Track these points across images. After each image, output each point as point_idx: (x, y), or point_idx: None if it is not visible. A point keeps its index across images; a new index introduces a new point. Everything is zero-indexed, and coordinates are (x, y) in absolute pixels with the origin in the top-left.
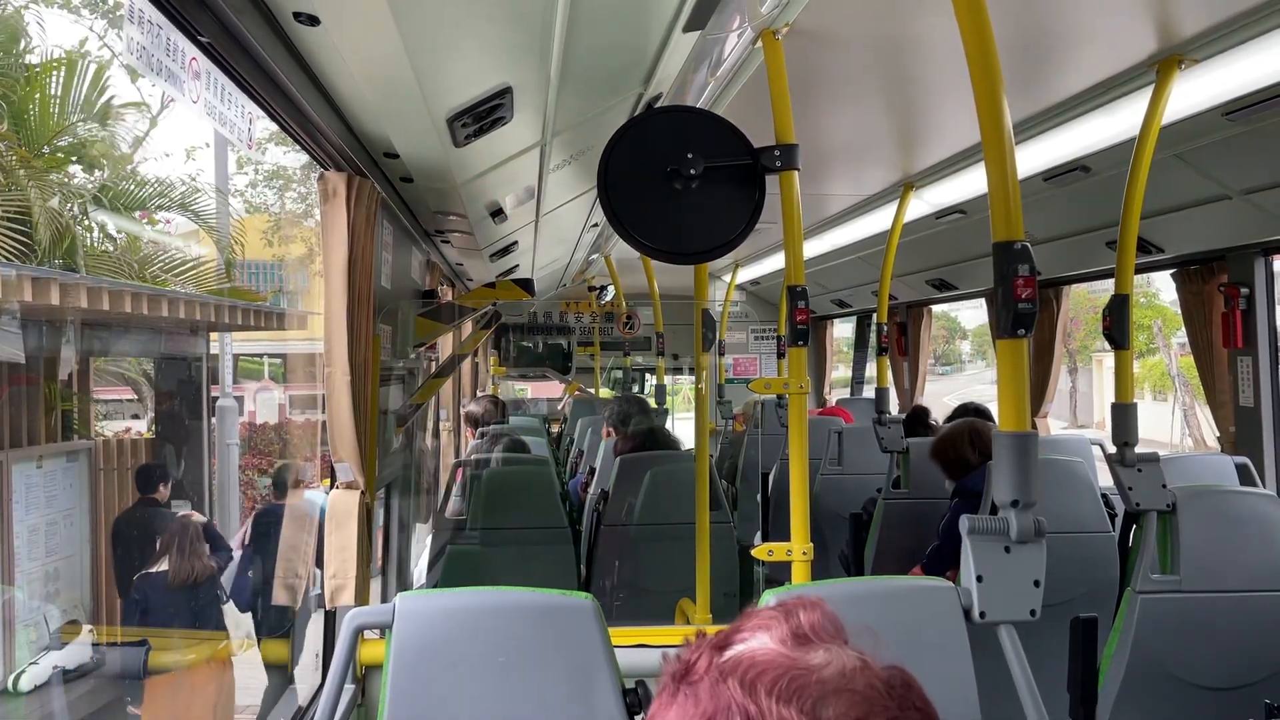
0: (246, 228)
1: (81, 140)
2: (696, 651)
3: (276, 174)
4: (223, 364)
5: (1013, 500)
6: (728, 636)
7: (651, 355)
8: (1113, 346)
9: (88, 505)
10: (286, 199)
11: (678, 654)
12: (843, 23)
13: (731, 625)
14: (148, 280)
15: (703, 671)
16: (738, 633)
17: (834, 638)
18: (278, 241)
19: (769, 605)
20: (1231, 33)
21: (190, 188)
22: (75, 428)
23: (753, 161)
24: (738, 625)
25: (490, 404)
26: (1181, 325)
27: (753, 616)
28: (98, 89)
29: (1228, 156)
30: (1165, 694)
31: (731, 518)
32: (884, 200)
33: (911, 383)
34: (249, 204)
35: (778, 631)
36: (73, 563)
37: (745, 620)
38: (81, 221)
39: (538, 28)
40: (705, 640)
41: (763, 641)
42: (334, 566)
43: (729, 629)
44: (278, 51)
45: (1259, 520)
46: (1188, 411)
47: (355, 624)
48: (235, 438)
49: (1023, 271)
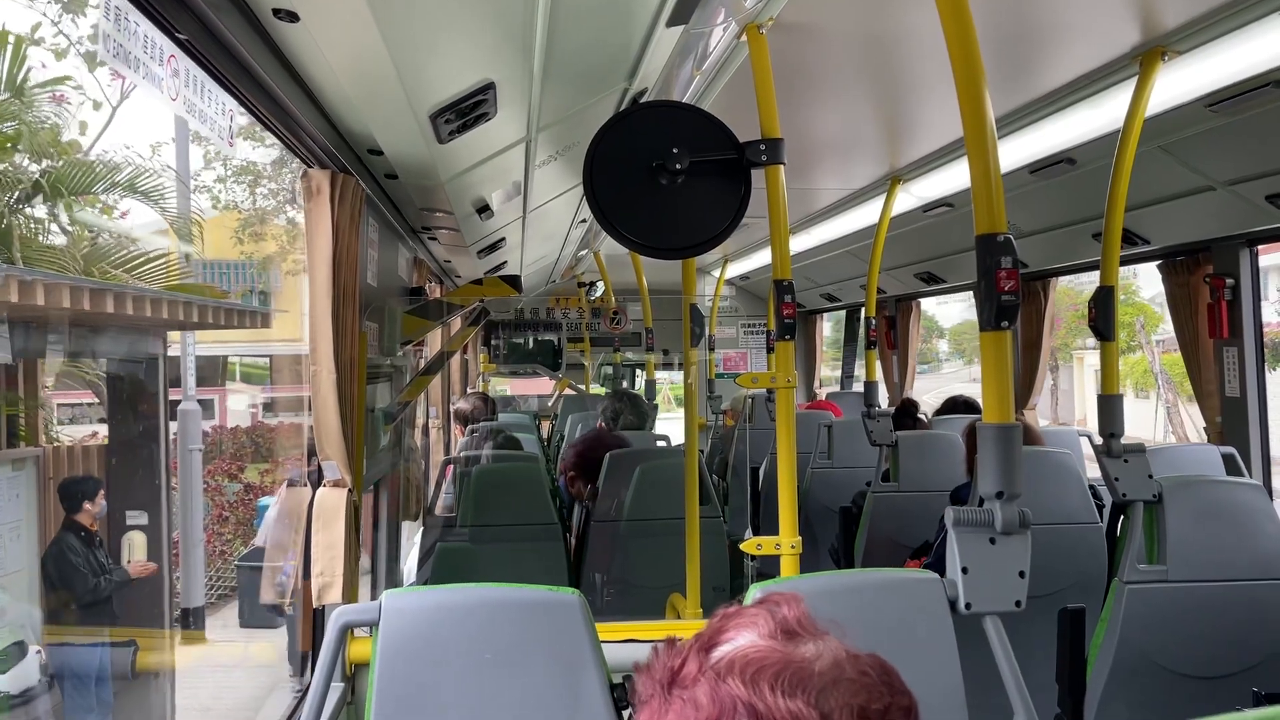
0: (215, 226)
1: (22, 124)
2: (681, 656)
3: (246, 169)
4: (185, 365)
5: (997, 491)
6: (712, 638)
7: (641, 351)
8: (1098, 339)
9: (35, 518)
10: (257, 195)
11: (661, 662)
12: (827, 17)
13: (712, 626)
14: (96, 275)
15: (695, 674)
16: (722, 633)
17: (817, 630)
18: (248, 239)
19: (753, 602)
20: (1214, 24)
21: (137, 170)
22: (21, 434)
23: (738, 156)
24: (720, 626)
25: (479, 401)
26: (1162, 321)
27: (734, 616)
28: (18, 65)
29: (1212, 148)
30: (1153, 683)
31: (721, 512)
32: (871, 194)
33: (901, 376)
34: (216, 200)
35: (765, 627)
36: (19, 579)
37: (727, 620)
38: (20, 211)
39: (519, 23)
40: (689, 644)
41: (751, 639)
42: (321, 564)
43: (711, 630)
44: (257, 48)
45: (1245, 510)
46: (1171, 409)
47: (342, 622)
48: (198, 443)
49: (1005, 264)
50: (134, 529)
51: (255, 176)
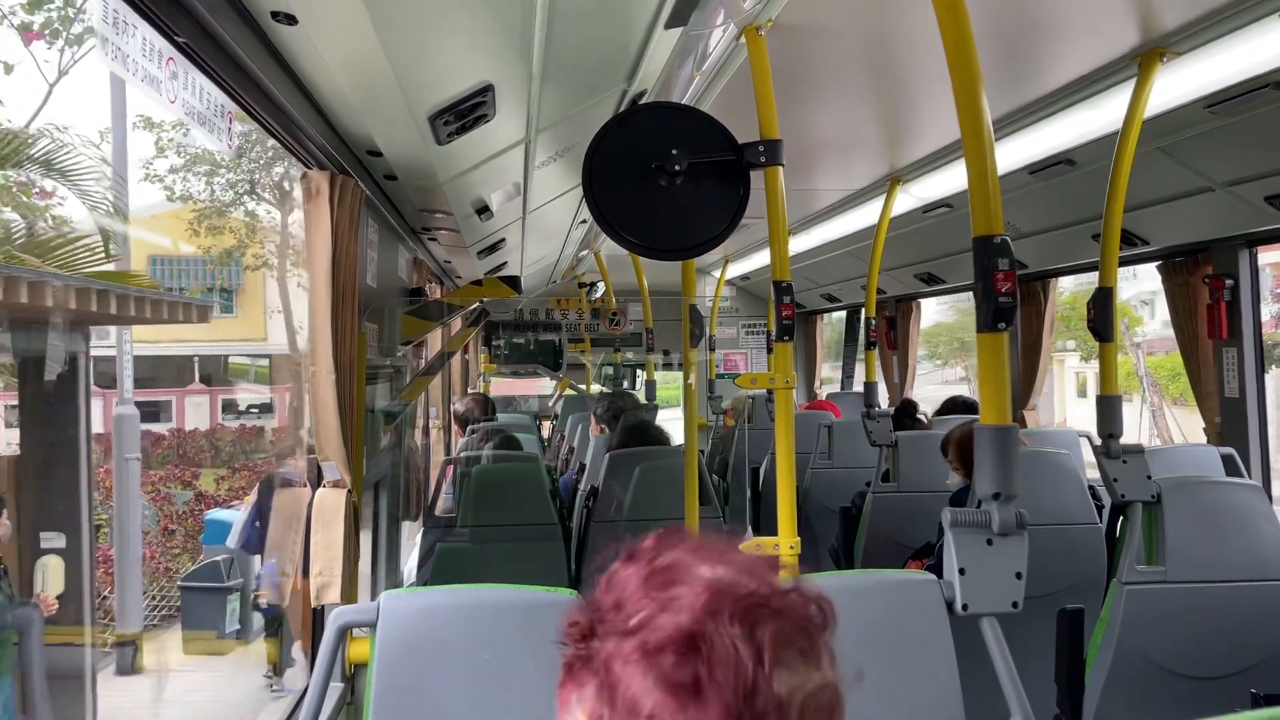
0: (172, 219)
1: None
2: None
3: (202, 158)
4: (120, 364)
5: (994, 493)
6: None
7: (642, 351)
8: (1097, 339)
9: None
10: (215, 186)
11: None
12: (826, 18)
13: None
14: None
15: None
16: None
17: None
18: (205, 233)
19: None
20: (1213, 25)
21: (56, 143)
22: None
23: (737, 157)
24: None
25: (474, 402)
26: (1142, 323)
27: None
28: None
29: (1211, 149)
30: (1152, 684)
31: (721, 513)
32: (871, 195)
33: (901, 376)
34: (170, 191)
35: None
36: None
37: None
38: None
39: (518, 25)
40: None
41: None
42: (320, 565)
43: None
44: (256, 51)
45: (1244, 511)
46: (1156, 412)
47: (340, 622)
48: (135, 451)
49: (1003, 265)
50: (50, 553)
51: (213, 166)
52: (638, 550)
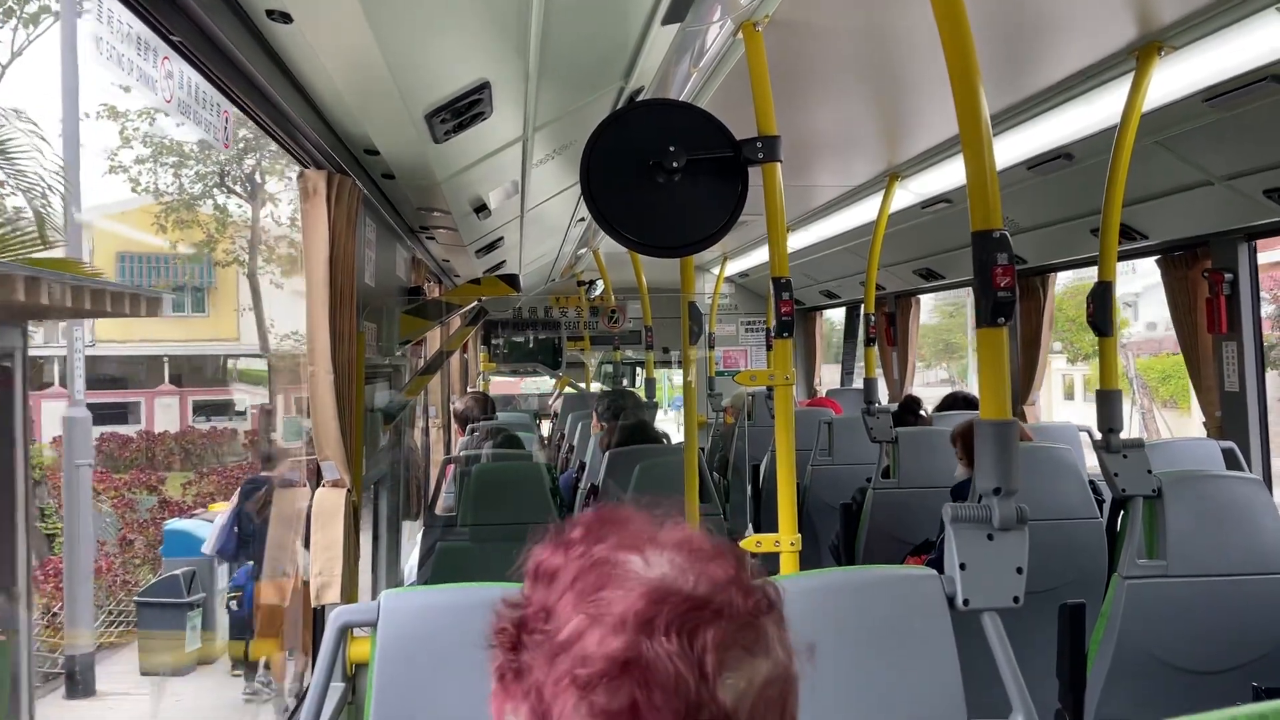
0: (140, 214)
1: None
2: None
3: (170, 149)
4: (71, 364)
5: (995, 488)
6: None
7: (641, 349)
8: (1097, 334)
9: None
10: (183, 178)
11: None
12: (822, 14)
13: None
14: None
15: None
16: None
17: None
18: (173, 227)
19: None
20: (1210, 19)
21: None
22: None
23: (734, 154)
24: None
25: (474, 401)
26: (1128, 324)
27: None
28: None
29: (1209, 142)
30: (1153, 678)
31: (722, 510)
32: (869, 191)
33: (901, 373)
34: (135, 183)
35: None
36: None
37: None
38: None
39: (514, 22)
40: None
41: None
42: (319, 564)
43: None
44: (252, 50)
45: (1245, 505)
46: (1146, 414)
47: (340, 622)
48: (88, 457)
49: (1001, 260)
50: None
51: (181, 158)
52: (568, 539)
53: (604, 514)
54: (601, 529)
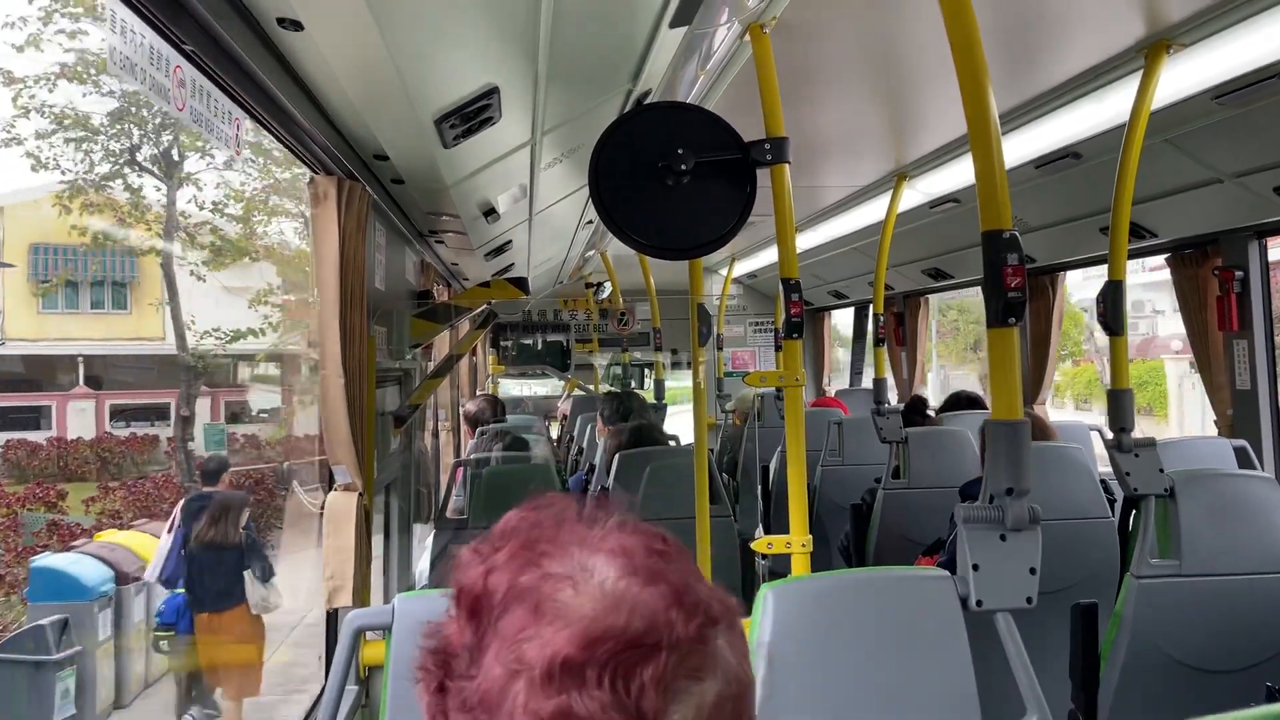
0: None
1: None
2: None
3: (76, 121)
4: None
5: (1007, 488)
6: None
7: (650, 351)
8: (1107, 333)
9: None
10: (92, 156)
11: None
12: (829, 15)
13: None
14: None
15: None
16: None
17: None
18: (81, 211)
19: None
20: (1219, 16)
21: None
22: None
23: (743, 155)
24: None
25: (485, 403)
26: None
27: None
28: None
29: (1219, 140)
30: (1167, 678)
31: (732, 511)
32: (877, 191)
33: (910, 373)
34: (37, 160)
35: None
36: None
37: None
38: None
39: (522, 27)
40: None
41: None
42: (332, 568)
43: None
44: (263, 58)
45: (1258, 503)
46: None
47: (355, 625)
48: None
49: (1011, 260)
50: None
51: (90, 132)
52: (494, 559)
53: (535, 520)
54: (532, 543)
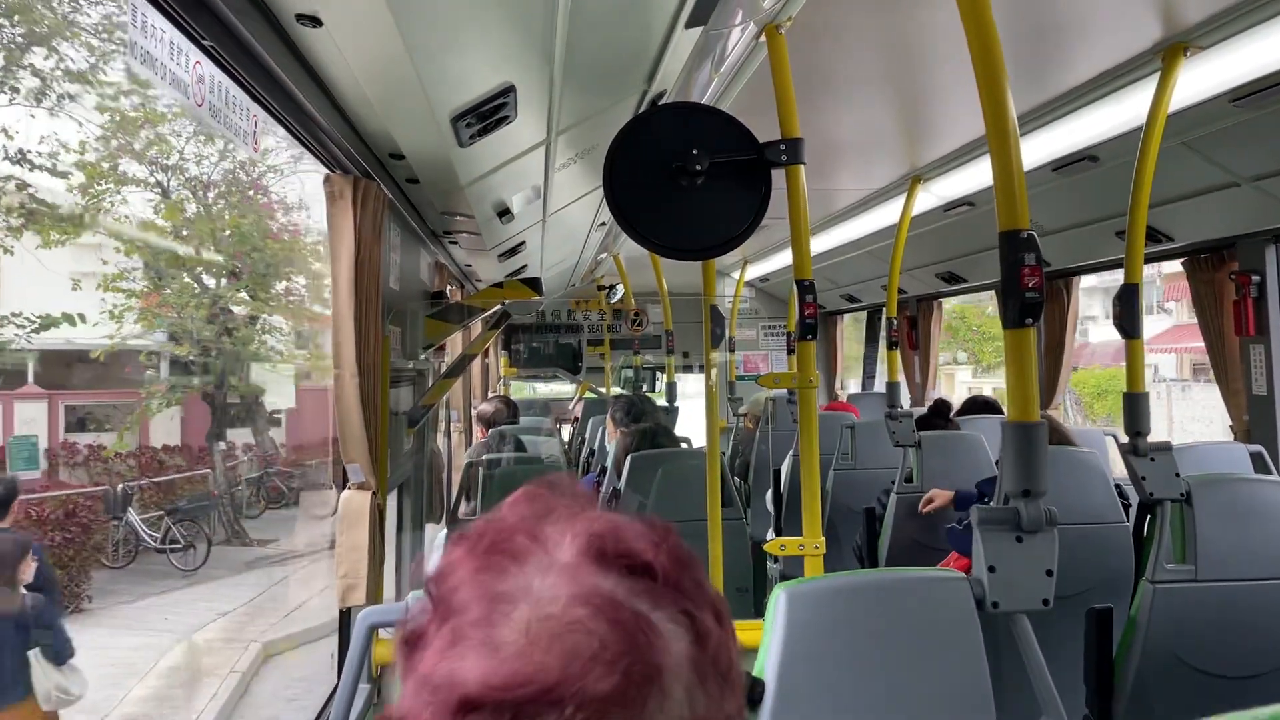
0: None
1: None
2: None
3: None
4: None
5: (1023, 490)
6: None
7: (662, 353)
8: (1123, 336)
9: None
10: None
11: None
12: (845, 16)
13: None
14: None
15: None
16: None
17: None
18: None
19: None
20: (1237, 18)
21: None
22: None
23: (758, 156)
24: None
25: (501, 404)
26: None
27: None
28: None
29: (1236, 143)
30: (1182, 684)
31: (744, 514)
32: (892, 194)
33: (923, 376)
34: None
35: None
36: None
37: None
38: None
39: (539, 27)
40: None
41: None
42: (345, 566)
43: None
44: (281, 54)
45: (1274, 509)
46: None
47: (368, 623)
48: None
49: (1029, 261)
50: None
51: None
52: (451, 558)
53: (500, 525)
54: (495, 545)
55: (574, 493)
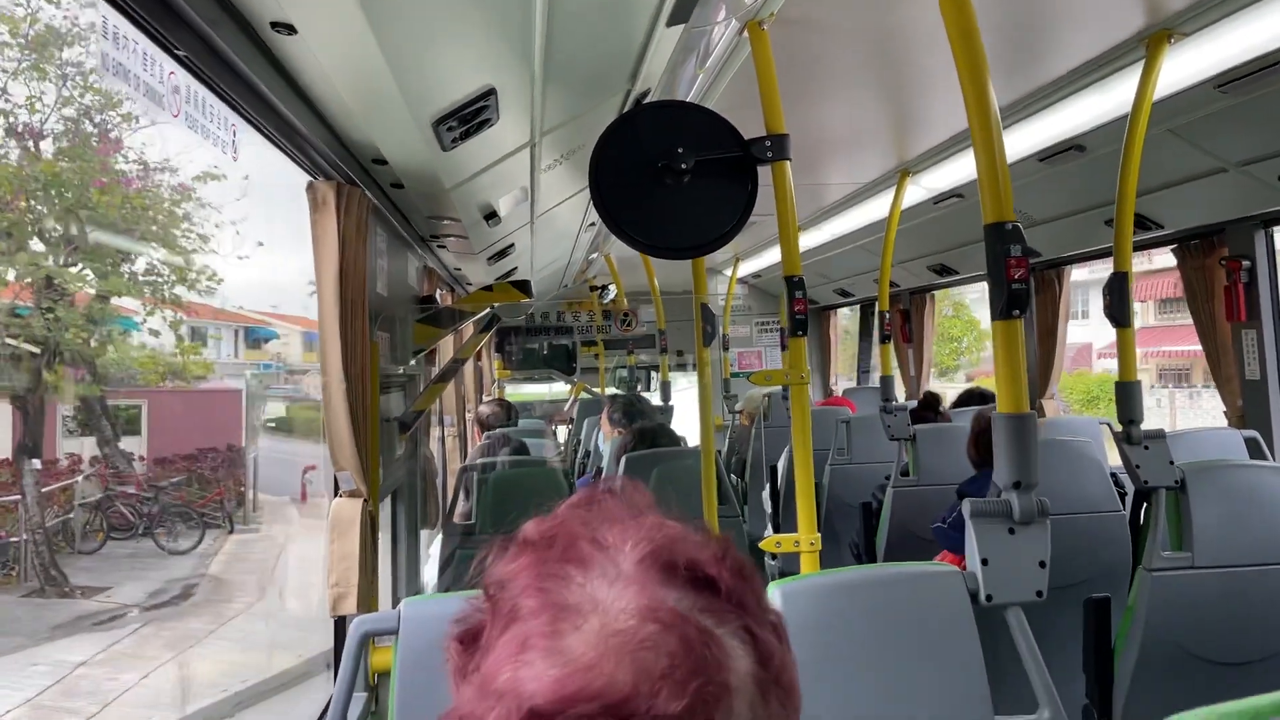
0: None
1: None
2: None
3: None
4: None
5: (1014, 482)
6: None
7: (655, 352)
8: (1114, 325)
9: None
10: None
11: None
12: (828, 10)
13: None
14: None
15: None
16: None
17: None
18: None
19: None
20: (1219, 4)
21: None
22: None
23: (743, 153)
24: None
25: (498, 407)
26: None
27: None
28: None
29: (1222, 129)
30: (1180, 671)
31: (740, 512)
32: (880, 187)
33: (917, 369)
34: None
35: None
36: None
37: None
38: None
39: (518, 27)
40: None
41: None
42: (336, 574)
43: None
44: (257, 63)
45: (1269, 494)
46: None
47: (362, 631)
48: None
49: (1015, 252)
50: None
51: None
52: (520, 558)
53: (561, 528)
54: (552, 555)
55: (633, 498)
